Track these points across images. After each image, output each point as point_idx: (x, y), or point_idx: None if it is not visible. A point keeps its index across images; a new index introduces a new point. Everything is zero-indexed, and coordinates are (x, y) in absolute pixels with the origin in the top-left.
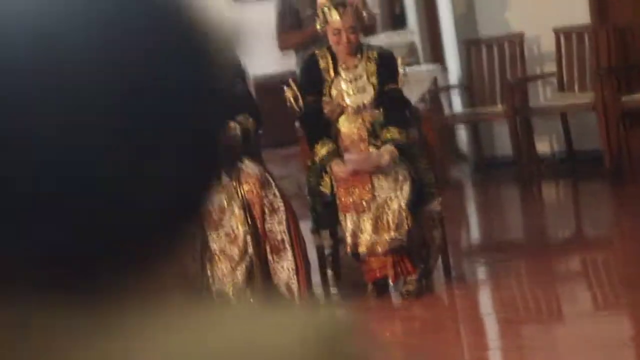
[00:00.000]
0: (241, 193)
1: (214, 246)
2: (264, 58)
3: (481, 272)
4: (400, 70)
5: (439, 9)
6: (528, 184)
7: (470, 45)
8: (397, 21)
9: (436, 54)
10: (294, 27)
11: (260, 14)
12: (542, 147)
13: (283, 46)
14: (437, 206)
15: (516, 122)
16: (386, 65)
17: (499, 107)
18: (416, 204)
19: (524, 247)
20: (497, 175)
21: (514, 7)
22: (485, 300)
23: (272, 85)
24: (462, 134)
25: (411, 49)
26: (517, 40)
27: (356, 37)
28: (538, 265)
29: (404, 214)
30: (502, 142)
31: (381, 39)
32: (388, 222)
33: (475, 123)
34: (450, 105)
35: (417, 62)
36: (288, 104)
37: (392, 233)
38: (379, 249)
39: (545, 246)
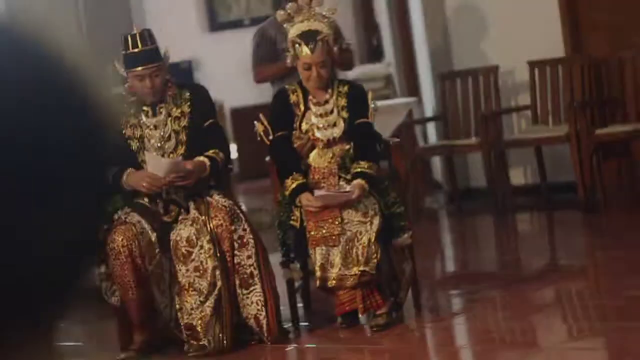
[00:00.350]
0: (210, 227)
1: (183, 280)
2: (242, 89)
3: (455, 304)
4: (371, 104)
5: (415, 42)
6: (502, 215)
7: (445, 78)
8: (374, 53)
9: (412, 86)
10: (271, 59)
11: (236, 44)
12: (516, 178)
13: (259, 78)
14: (407, 240)
15: (490, 154)
16: (357, 100)
17: (474, 139)
18: (386, 237)
19: (498, 277)
20: (472, 206)
21: (488, 39)
22: (459, 331)
23: (250, 117)
24: (437, 165)
25: (388, 81)
26: (491, 73)
27: (327, 71)
28: (512, 296)
29: (373, 247)
30: (477, 173)
31: (358, 71)
32: (357, 255)
33: (449, 154)
34: (425, 136)
35: (394, 94)
36: (258, 138)
37: (362, 267)
38: (348, 283)
39: (520, 276)
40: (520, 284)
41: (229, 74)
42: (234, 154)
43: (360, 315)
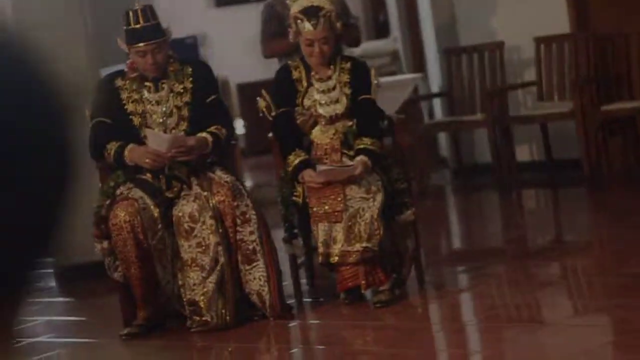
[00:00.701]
0: (213, 203)
1: (185, 256)
2: (248, 65)
3: (460, 280)
4: (374, 81)
5: (421, 18)
6: (508, 191)
7: (451, 54)
8: (381, 29)
9: (418, 62)
10: (279, 34)
11: (243, 20)
12: (522, 154)
13: (267, 53)
14: (410, 216)
15: (496, 130)
16: (359, 76)
17: (479, 115)
18: (389, 213)
19: (503, 253)
20: (477, 182)
21: (494, 15)
22: (464, 308)
23: (257, 93)
24: (443, 142)
25: (394, 57)
26: (497, 49)
27: (329, 47)
28: (517, 272)
29: (376, 224)
30: (482, 149)
31: (364, 47)
32: (360, 232)
33: (455, 131)
34: (431, 112)
35: (400, 70)
36: (260, 114)
37: (364, 243)
38: (351, 259)
39: (525, 253)
40: (526, 260)
41: (235, 49)
42: (240, 129)
43: (363, 292)
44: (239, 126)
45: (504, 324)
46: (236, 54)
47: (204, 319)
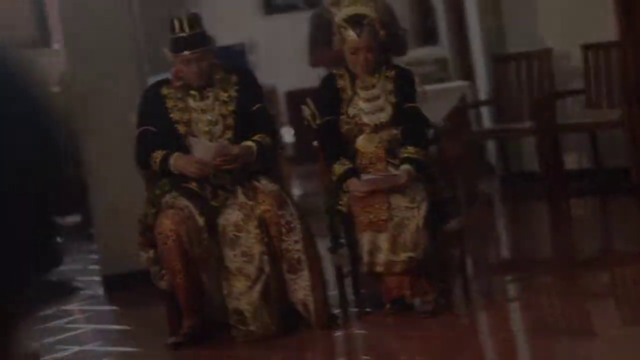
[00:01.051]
0: (258, 212)
1: (231, 265)
2: (297, 72)
3: (507, 290)
4: (419, 88)
5: (469, 25)
6: (556, 200)
7: (498, 61)
8: (429, 36)
9: (466, 70)
10: (326, 43)
11: (292, 27)
12: (570, 162)
13: (315, 62)
14: (456, 225)
15: (544, 138)
16: (404, 84)
17: (527, 123)
18: (435, 223)
19: (551, 263)
20: (525, 191)
21: (542, 22)
22: (511, 318)
23: (305, 101)
24: (491, 149)
25: (442, 64)
26: (545, 56)
27: (373, 56)
28: (566, 282)
29: (421, 233)
30: (530, 157)
31: (412, 55)
32: (405, 241)
33: (503, 139)
34: (479, 120)
35: (448, 78)
36: (305, 123)
37: (410, 253)
38: (396, 269)
39: (573, 262)
40: (574, 269)
41: (283, 57)
42: (289, 137)
43: (408, 302)
44: (288, 134)
45: (553, 335)
46: (284, 61)
47: (249, 328)
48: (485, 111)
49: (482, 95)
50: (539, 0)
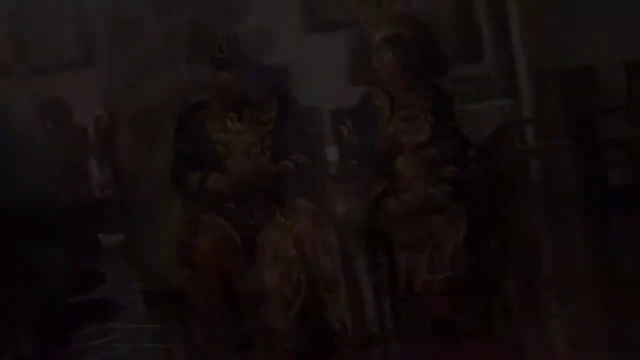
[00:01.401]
0: (295, 231)
1: (268, 284)
2: (341, 91)
3: (550, 307)
4: (457, 106)
5: (513, 43)
6: (599, 217)
7: (542, 78)
8: (472, 54)
9: (510, 87)
10: (367, 62)
11: (336, 45)
12: (613, 179)
13: (356, 82)
14: (496, 244)
15: (587, 155)
16: (443, 103)
17: (570, 140)
18: (474, 242)
19: (594, 280)
20: (568, 208)
21: (586, 39)
22: (553, 335)
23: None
24: (534, 167)
25: (484, 81)
26: (588, 73)
27: (410, 75)
28: (608, 300)
29: (460, 252)
30: (573, 174)
31: (454, 73)
32: (444, 260)
33: (546, 156)
34: (522, 137)
35: (492, 96)
36: (343, 142)
37: (448, 272)
38: (435, 288)
39: (616, 280)
40: (617, 287)
41: (328, 75)
42: (334, 155)
43: (447, 321)
44: (332, 152)
45: (595, 352)
46: (329, 79)
47: (285, 347)
48: (528, 129)
49: (526, 113)
50: (583, 16)
